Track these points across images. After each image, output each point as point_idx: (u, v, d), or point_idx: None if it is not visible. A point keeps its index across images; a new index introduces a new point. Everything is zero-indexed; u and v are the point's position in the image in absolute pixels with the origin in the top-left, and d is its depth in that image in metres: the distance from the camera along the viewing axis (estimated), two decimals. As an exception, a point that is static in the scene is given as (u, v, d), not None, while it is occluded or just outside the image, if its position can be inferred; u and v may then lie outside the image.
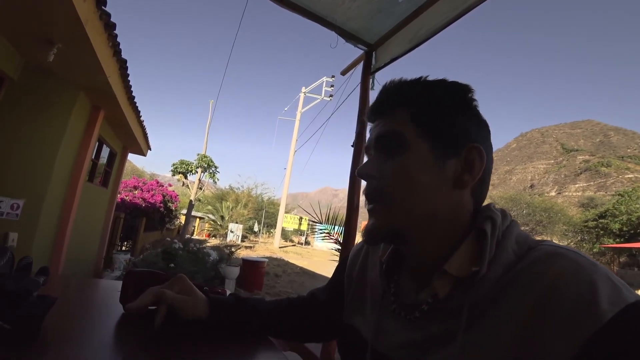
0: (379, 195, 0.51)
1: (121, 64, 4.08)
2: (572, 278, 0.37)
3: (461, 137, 0.50)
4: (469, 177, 0.50)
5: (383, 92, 0.56)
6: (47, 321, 0.50)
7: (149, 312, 0.61)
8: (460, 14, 1.48)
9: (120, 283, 0.70)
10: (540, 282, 0.39)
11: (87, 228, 6.09)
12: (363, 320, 0.60)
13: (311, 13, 1.77)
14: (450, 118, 0.51)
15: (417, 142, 0.50)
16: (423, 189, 0.48)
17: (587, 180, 71.60)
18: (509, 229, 0.47)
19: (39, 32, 3.11)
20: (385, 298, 0.57)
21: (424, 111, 0.51)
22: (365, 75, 2.02)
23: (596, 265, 0.39)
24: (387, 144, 0.52)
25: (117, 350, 0.51)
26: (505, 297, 0.41)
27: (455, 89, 0.53)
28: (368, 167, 0.53)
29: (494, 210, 0.50)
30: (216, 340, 0.61)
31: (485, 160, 0.50)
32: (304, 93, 21.90)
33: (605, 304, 0.34)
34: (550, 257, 0.41)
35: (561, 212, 31.48)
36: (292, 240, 27.62)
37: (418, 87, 0.54)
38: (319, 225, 4.32)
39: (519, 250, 0.45)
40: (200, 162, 16.88)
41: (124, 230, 9.58)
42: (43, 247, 4.21)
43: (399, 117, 0.52)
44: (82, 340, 0.52)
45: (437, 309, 0.48)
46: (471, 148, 0.50)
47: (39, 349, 0.45)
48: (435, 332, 0.46)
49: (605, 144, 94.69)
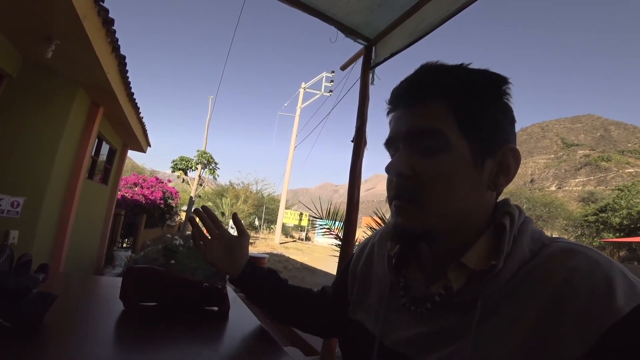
0: (413, 196, 0.46)
1: (120, 60, 4.06)
2: (587, 274, 0.37)
3: (499, 136, 0.48)
4: (504, 179, 0.48)
5: (418, 76, 0.49)
6: (48, 318, 0.50)
7: (149, 308, 0.61)
8: (461, 7, 1.47)
9: (120, 280, 0.70)
10: (554, 278, 0.39)
11: (88, 225, 6.10)
12: (368, 315, 0.59)
13: (310, 8, 1.75)
14: (491, 114, 0.47)
15: (459, 141, 0.45)
16: (461, 192, 0.46)
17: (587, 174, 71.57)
18: (524, 225, 0.47)
19: (37, 29, 3.09)
20: (393, 292, 0.55)
21: (466, 105, 0.46)
22: (365, 70, 2.00)
23: (611, 261, 0.38)
24: (424, 142, 0.47)
25: (117, 346, 0.51)
26: (519, 292, 0.41)
27: (497, 80, 0.48)
28: (400, 165, 0.47)
29: (512, 206, 0.49)
30: (218, 335, 0.61)
31: (519, 162, 0.48)
32: (303, 88, 21.84)
33: (621, 300, 0.34)
34: (564, 253, 0.40)
35: (561, 206, 31.56)
36: (293, 236, 27.68)
37: (461, 76, 0.48)
38: (320, 221, 4.32)
39: (533, 246, 0.44)
40: (200, 159, 16.87)
41: (124, 227, 9.61)
42: (44, 244, 4.22)
43: (436, 109, 0.47)
44: (83, 336, 0.53)
45: (449, 303, 0.46)
46: (507, 149, 0.48)
47: (39, 346, 0.45)
48: (446, 325, 0.45)
49: (606, 138, 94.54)
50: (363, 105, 1.97)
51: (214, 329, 0.64)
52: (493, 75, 0.48)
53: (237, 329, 0.66)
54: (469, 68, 0.48)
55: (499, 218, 0.47)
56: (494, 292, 0.42)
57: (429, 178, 0.46)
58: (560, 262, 0.40)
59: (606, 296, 0.35)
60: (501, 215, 0.47)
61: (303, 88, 21.83)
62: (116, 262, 7.41)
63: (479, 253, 0.45)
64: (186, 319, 0.63)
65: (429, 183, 0.46)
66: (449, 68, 0.49)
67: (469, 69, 0.48)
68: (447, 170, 0.45)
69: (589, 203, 41.53)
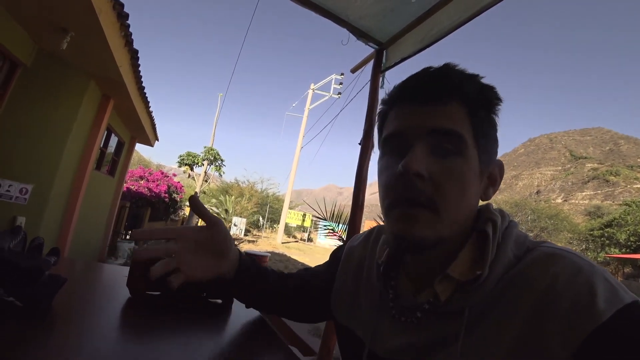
0: (430, 201, 0.44)
1: (132, 54, 4.11)
2: (570, 278, 0.38)
3: (495, 150, 0.50)
4: (493, 190, 0.50)
5: (440, 73, 0.48)
6: (56, 300, 0.52)
7: (154, 297, 0.62)
8: (474, 14, 1.47)
9: (125, 268, 0.71)
10: (538, 284, 0.39)
11: (93, 216, 6.17)
12: (359, 323, 0.58)
13: (324, 9, 1.77)
14: (494, 128, 0.49)
15: (473, 149, 0.46)
16: (470, 199, 0.46)
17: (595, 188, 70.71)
18: (508, 230, 0.47)
19: (53, 20, 3.15)
20: (382, 301, 0.55)
21: (481, 114, 0.47)
22: (375, 73, 2.01)
23: (594, 266, 0.39)
24: (445, 144, 0.45)
25: (122, 331, 0.52)
26: (504, 299, 0.41)
27: (500, 99, 0.49)
28: (419, 163, 0.43)
29: (493, 211, 0.49)
30: (220, 325, 0.62)
31: (503, 175, 0.52)
32: (312, 89, 21.87)
33: (602, 304, 0.35)
34: (548, 258, 0.41)
35: (566, 219, 31.19)
36: (295, 237, 27.67)
37: (478, 85, 0.48)
38: (323, 222, 4.32)
39: (518, 251, 0.45)
40: (207, 155, 16.98)
41: (128, 219, 9.69)
42: (49, 232, 4.27)
43: (457, 112, 0.46)
44: (89, 320, 0.54)
45: (437, 312, 0.46)
46: (496, 162, 0.51)
47: (47, 327, 0.47)
48: (435, 335, 0.46)
49: (615, 152, 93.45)
50: (372, 109, 1.98)
51: (217, 321, 0.65)
52: (498, 94, 0.48)
53: (239, 322, 0.67)
54: (483, 80, 0.48)
55: (482, 225, 0.47)
56: (480, 300, 0.43)
57: (446, 181, 0.44)
58: (543, 267, 0.40)
59: (588, 301, 0.35)
60: (484, 222, 0.47)
61: (312, 89, 21.86)
62: (119, 253, 7.47)
63: (464, 263, 0.46)
64: (190, 309, 0.65)
65: (447, 187, 0.44)
66: (469, 74, 0.48)
67: (483, 82, 0.48)
68: (463, 175, 0.45)
69: (595, 217, 41.05)
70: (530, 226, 29.79)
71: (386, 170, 0.48)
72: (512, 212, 30.86)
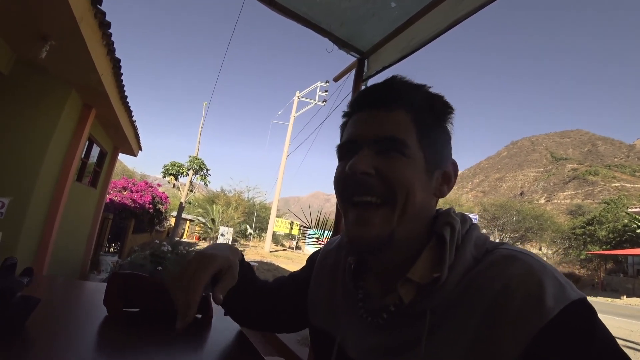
0: (382, 195, 0.48)
1: (114, 63, 4.05)
2: (522, 279, 0.40)
3: (446, 152, 0.53)
4: (447, 188, 0.53)
5: (387, 85, 0.52)
6: (31, 321, 0.50)
7: (131, 315, 0.60)
8: (453, 23, 1.50)
9: (104, 285, 0.69)
10: (494, 285, 0.41)
11: (74, 228, 5.98)
12: (333, 324, 0.59)
13: (305, 19, 1.78)
14: (443, 133, 0.53)
15: (417, 151, 0.49)
16: (417, 196, 0.48)
17: (575, 188, 72.84)
18: (468, 234, 0.49)
19: (33, 28, 3.07)
20: (352, 302, 0.56)
21: (426, 120, 0.51)
22: (357, 82, 2.03)
23: (544, 265, 0.41)
24: (389, 148, 0.49)
25: (99, 352, 0.51)
26: (463, 300, 0.43)
27: (450, 107, 0.53)
28: (365, 163, 0.48)
29: (453, 215, 0.51)
30: (200, 342, 0.61)
31: (457, 173, 0.55)
32: (298, 97, 21.94)
33: (550, 302, 0.37)
34: (505, 259, 0.43)
35: (550, 219, 31.94)
36: (283, 245, 27.49)
37: (424, 94, 0.52)
38: (310, 230, 4.32)
39: (477, 253, 0.46)
40: (191, 164, 16.75)
41: (111, 232, 9.43)
42: (28, 247, 4.12)
43: (401, 118, 0.50)
44: (64, 341, 0.52)
45: (402, 314, 0.48)
46: (450, 162, 0.54)
47: (21, 349, 0.45)
48: (401, 337, 0.47)
49: (593, 153, 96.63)
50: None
51: (196, 337, 0.64)
52: (448, 103, 0.53)
53: (219, 337, 0.66)
54: (430, 90, 0.53)
55: (440, 229, 0.49)
56: (442, 302, 0.44)
57: (392, 173, 0.47)
58: (500, 269, 0.42)
59: (537, 300, 0.37)
60: (442, 226, 0.49)
61: (297, 96, 21.94)
62: (102, 267, 7.25)
63: (423, 266, 0.47)
64: (169, 326, 0.63)
65: (393, 178, 0.47)
66: (415, 85, 0.53)
67: (431, 91, 0.53)
68: (406, 168, 0.48)
69: (576, 216, 42.20)
70: (515, 227, 30.37)
71: (338, 174, 0.52)
72: (498, 213, 31.45)
